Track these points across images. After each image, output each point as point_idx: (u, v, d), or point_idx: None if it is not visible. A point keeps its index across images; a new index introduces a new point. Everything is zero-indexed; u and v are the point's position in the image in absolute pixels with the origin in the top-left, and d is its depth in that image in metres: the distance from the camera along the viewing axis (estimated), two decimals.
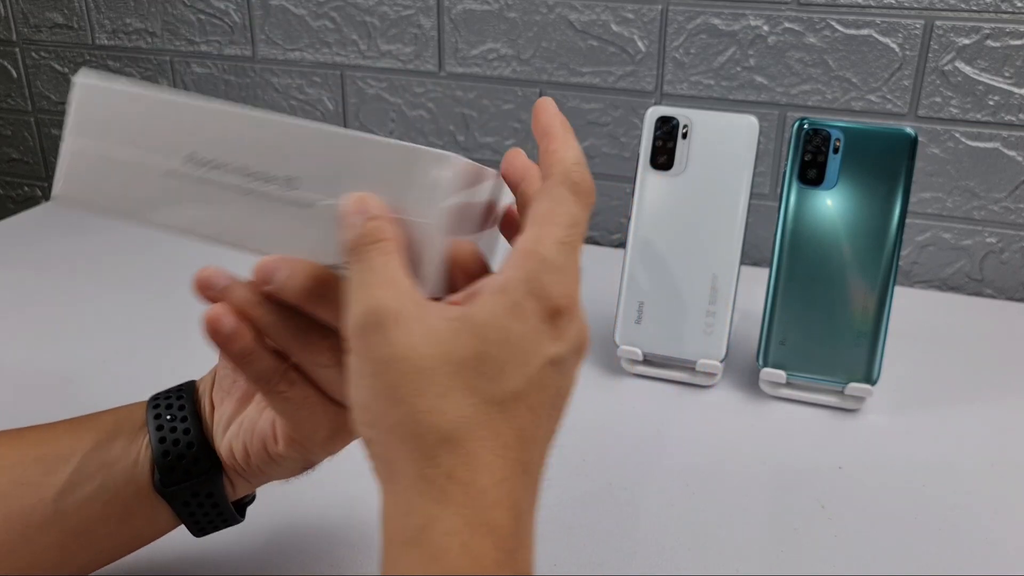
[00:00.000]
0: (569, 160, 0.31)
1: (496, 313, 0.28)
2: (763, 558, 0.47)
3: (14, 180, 1.16)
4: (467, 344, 0.28)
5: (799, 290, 0.60)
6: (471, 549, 0.26)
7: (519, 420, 0.28)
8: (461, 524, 0.27)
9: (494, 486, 0.27)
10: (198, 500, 0.38)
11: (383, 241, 0.30)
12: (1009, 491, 0.53)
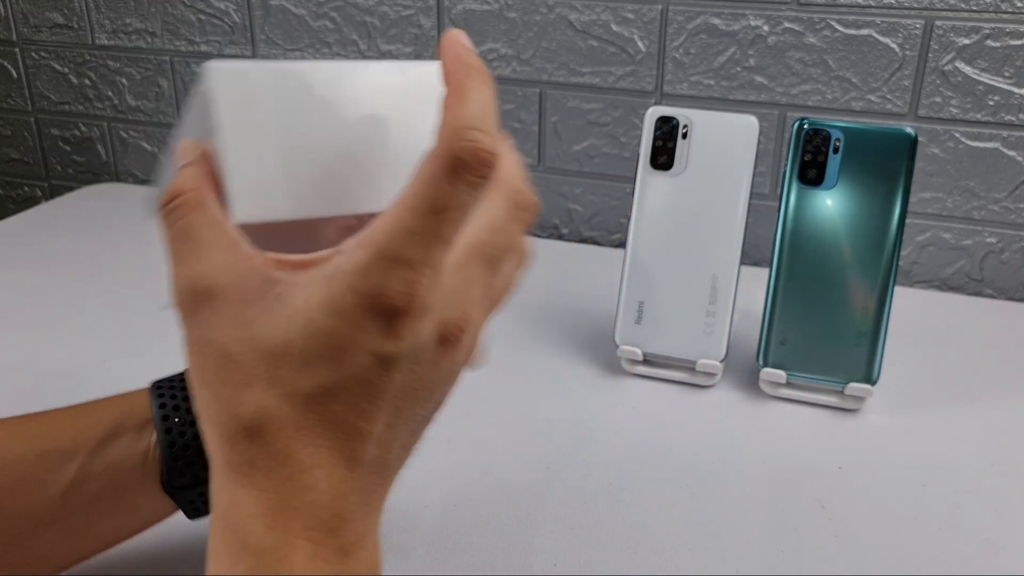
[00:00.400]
0: (460, 122, 0.26)
1: (311, 303, 0.26)
2: (763, 558, 0.47)
3: (14, 180, 1.16)
4: (275, 332, 0.26)
5: (799, 290, 0.60)
6: (275, 530, 0.25)
7: (333, 414, 0.26)
8: (264, 508, 0.26)
9: (302, 473, 0.26)
10: (205, 497, 0.38)
11: (197, 197, 0.28)
12: (1009, 491, 0.53)
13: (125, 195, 1.03)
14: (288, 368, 0.26)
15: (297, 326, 0.26)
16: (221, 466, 0.27)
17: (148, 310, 0.74)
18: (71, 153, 1.11)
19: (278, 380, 0.26)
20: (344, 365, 0.26)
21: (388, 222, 0.26)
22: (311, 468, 0.26)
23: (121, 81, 1.04)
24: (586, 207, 0.92)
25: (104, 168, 1.10)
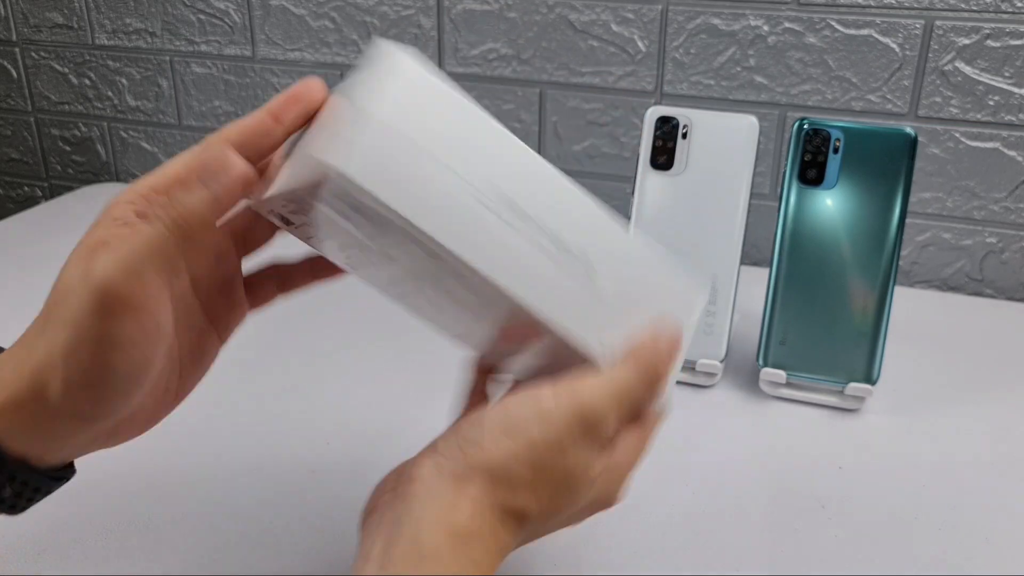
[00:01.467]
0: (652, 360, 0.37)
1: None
2: (763, 558, 0.47)
3: (14, 180, 1.16)
4: None
5: (799, 290, 0.60)
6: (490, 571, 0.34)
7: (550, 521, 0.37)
8: (495, 551, 0.34)
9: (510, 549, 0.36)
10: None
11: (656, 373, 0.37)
12: (1009, 491, 0.53)
13: None
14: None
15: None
16: (486, 504, 0.33)
17: None
18: (71, 153, 1.11)
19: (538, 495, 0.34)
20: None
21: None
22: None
23: (121, 81, 1.04)
24: None
25: (104, 168, 1.10)
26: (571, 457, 0.34)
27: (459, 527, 0.32)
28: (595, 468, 0.35)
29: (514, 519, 0.34)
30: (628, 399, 0.36)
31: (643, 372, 0.36)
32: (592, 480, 0.35)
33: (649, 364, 0.36)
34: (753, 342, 0.62)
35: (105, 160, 1.10)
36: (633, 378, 0.36)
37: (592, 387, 0.35)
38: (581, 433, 0.34)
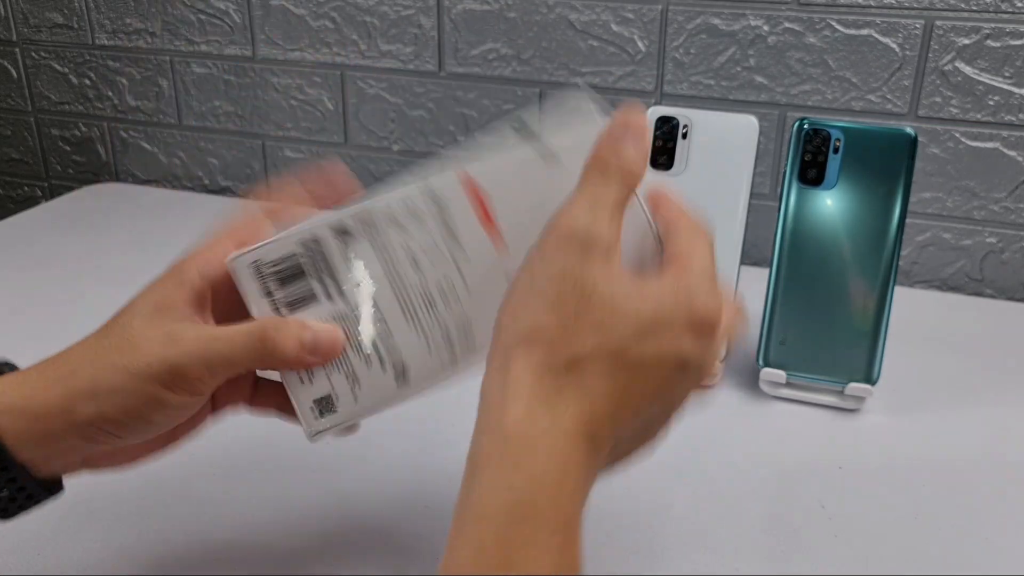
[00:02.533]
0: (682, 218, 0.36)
1: (664, 293, 0.32)
2: (763, 558, 0.47)
3: (14, 180, 1.16)
4: (630, 300, 0.31)
5: (799, 290, 0.60)
6: (563, 455, 0.30)
7: (633, 385, 0.31)
8: (559, 432, 0.30)
9: (590, 418, 0.31)
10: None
11: (625, 176, 0.34)
12: (1009, 491, 0.53)
13: (125, 195, 1.03)
14: (636, 336, 0.31)
15: (656, 311, 0.31)
16: (538, 380, 0.30)
17: None
18: (71, 153, 1.11)
19: (615, 337, 0.31)
20: (662, 350, 0.31)
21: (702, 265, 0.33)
22: (607, 406, 0.31)
23: (121, 81, 1.04)
24: None
25: (104, 168, 1.10)
26: (567, 266, 0.31)
27: (507, 423, 0.30)
28: (602, 268, 0.31)
29: (564, 369, 0.31)
30: (601, 193, 0.33)
31: (603, 168, 0.33)
32: (620, 280, 0.31)
33: (605, 154, 0.34)
34: (753, 342, 0.62)
35: (105, 160, 1.10)
36: (595, 176, 0.33)
37: (565, 207, 0.33)
38: (566, 242, 0.32)
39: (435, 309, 0.36)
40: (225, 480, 0.52)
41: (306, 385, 0.36)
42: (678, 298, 0.31)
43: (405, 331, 0.36)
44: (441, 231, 0.36)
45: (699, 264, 0.33)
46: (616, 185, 0.33)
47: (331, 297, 0.36)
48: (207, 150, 1.05)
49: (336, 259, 0.36)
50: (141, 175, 1.09)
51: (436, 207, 0.36)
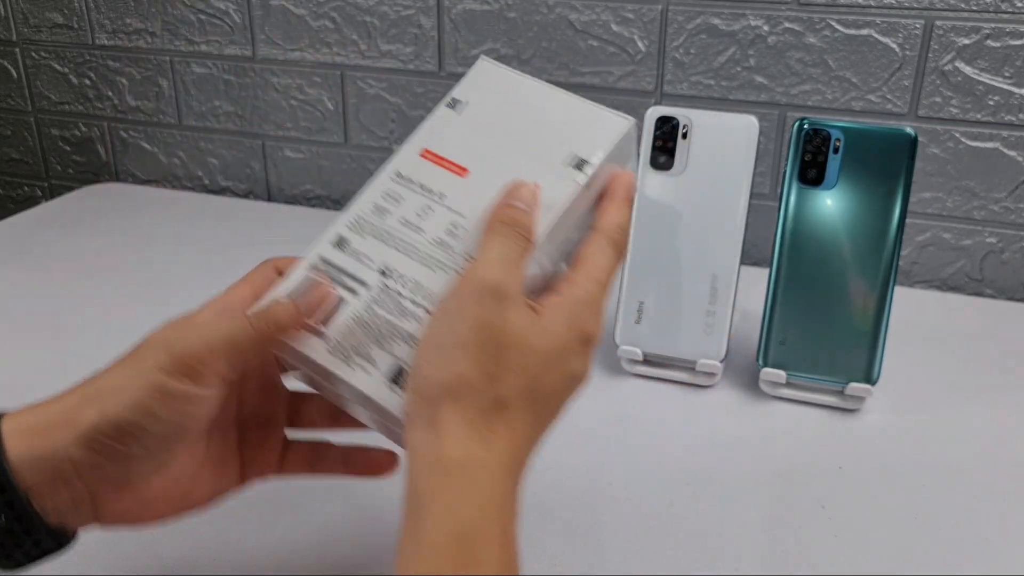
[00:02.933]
0: (613, 222, 0.39)
1: (559, 324, 0.35)
2: (763, 558, 0.47)
3: (14, 180, 1.16)
4: (540, 340, 0.35)
5: (799, 290, 0.60)
6: (502, 485, 0.33)
7: (545, 410, 0.35)
8: (496, 465, 0.33)
9: (519, 448, 0.34)
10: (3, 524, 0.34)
11: (521, 230, 0.37)
12: (1009, 491, 0.53)
13: (125, 195, 1.03)
14: (543, 370, 0.35)
15: (556, 340, 0.35)
16: (464, 430, 0.33)
17: (147, 310, 0.74)
18: (71, 153, 1.11)
19: (533, 376, 0.34)
20: (561, 374, 0.36)
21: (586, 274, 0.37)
22: (525, 442, 0.35)
23: (121, 81, 1.04)
24: None
25: (104, 168, 1.10)
26: (484, 317, 0.34)
27: (446, 461, 0.32)
28: (515, 316, 0.34)
29: (492, 411, 0.34)
30: (506, 250, 0.36)
31: (503, 229, 0.37)
32: (529, 324, 0.35)
33: (503, 217, 0.37)
34: (753, 342, 0.62)
35: (105, 160, 1.10)
36: (498, 236, 0.37)
37: (475, 264, 0.36)
38: (481, 296, 0.34)
39: (450, 248, 0.39)
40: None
41: (374, 374, 0.37)
42: (571, 327, 0.35)
43: (434, 278, 0.38)
44: (420, 193, 0.40)
45: (587, 287, 0.37)
46: (521, 242, 0.37)
47: (356, 292, 0.39)
48: (207, 150, 1.05)
49: (346, 262, 0.39)
50: (141, 175, 1.09)
51: (406, 180, 0.41)
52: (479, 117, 0.43)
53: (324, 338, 0.38)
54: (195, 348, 0.35)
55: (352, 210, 0.41)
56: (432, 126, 0.43)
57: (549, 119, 0.41)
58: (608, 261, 0.38)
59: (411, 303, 0.38)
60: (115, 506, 0.36)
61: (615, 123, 0.41)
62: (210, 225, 0.93)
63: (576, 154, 0.40)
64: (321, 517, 0.49)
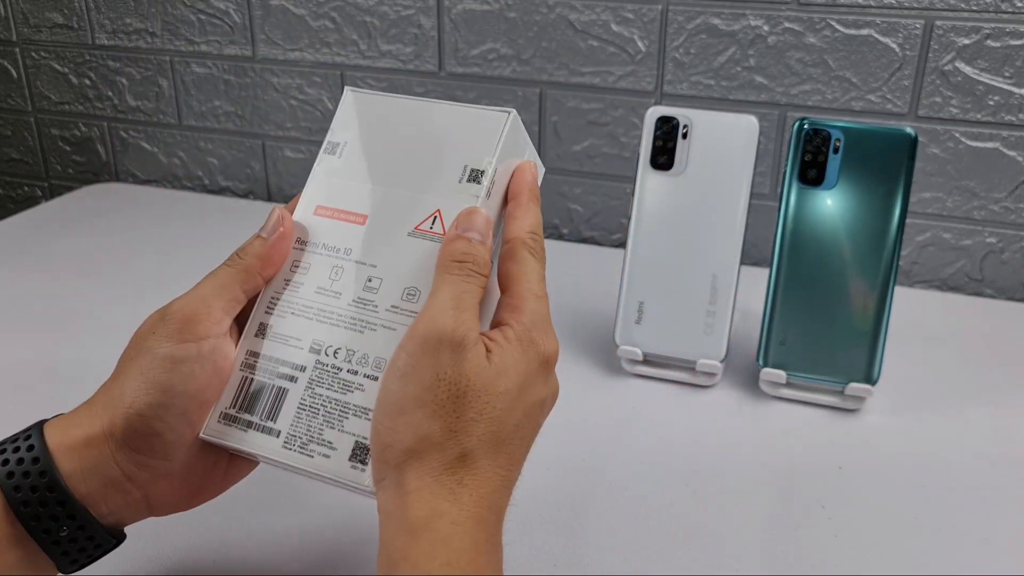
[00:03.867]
0: (527, 228, 0.38)
1: (517, 359, 0.35)
2: (763, 558, 0.47)
3: (14, 180, 1.16)
4: (499, 381, 0.34)
5: (799, 290, 0.60)
6: (472, 537, 0.32)
7: (513, 447, 0.35)
8: (465, 517, 0.32)
9: (489, 495, 0.33)
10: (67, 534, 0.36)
11: (478, 267, 0.36)
12: (1009, 491, 0.53)
13: (125, 195, 1.03)
14: (503, 410, 0.34)
15: (511, 377, 0.35)
16: (428, 486, 0.33)
17: (147, 309, 0.74)
18: (71, 153, 1.11)
19: (495, 419, 0.34)
20: (528, 407, 0.36)
21: (522, 293, 0.37)
22: (493, 491, 0.34)
23: (121, 81, 1.04)
24: (586, 207, 0.92)
25: (104, 168, 1.10)
26: (441, 373, 0.33)
27: (412, 522, 0.32)
28: (472, 364, 0.33)
29: (457, 464, 0.33)
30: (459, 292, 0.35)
31: (454, 268, 0.36)
32: (487, 368, 0.34)
33: (454, 255, 0.36)
34: (753, 342, 0.62)
35: (105, 160, 1.10)
36: (449, 277, 0.35)
37: (426, 315, 0.34)
38: (436, 351, 0.33)
39: (371, 304, 0.38)
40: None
41: (333, 457, 0.36)
42: (528, 356, 0.35)
43: (365, 341, 0.38)
44: (325, 255, 0.39)
45: (530, 307, 0.36)
46: (475, 280, 0.36)
47: (294, 378, 0.38)
48: (207, 150, 1.05)
49: (274, 349, 0.38)
50: (141, 175, 1.09)
51: (309, 244, 0.40)
52: (360, 155, 0.41)
53: (275, 434, 0.37)
54: (187, 306, 0.37)
55: (267, 292, 0.40)
56: (318, 180, 0.41)
57: (430, 136, 0.40)
58: (535, 271, 0.37)
59: (350, 374, 0.37)
60: (167, 498, 0.38)
61: (495, 120, 0.39)
62: (210, 225, 0.93)
63: (468, 166, 0.39)
64: (321, 517, 0.49)
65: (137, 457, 0.36)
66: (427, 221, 0.38)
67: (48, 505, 0.35)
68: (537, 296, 0.37)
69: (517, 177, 0.40)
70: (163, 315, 0.37)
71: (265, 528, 0.49)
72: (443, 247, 0.37)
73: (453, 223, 0.37)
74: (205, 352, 0.37)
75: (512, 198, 0.39)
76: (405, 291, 0.38)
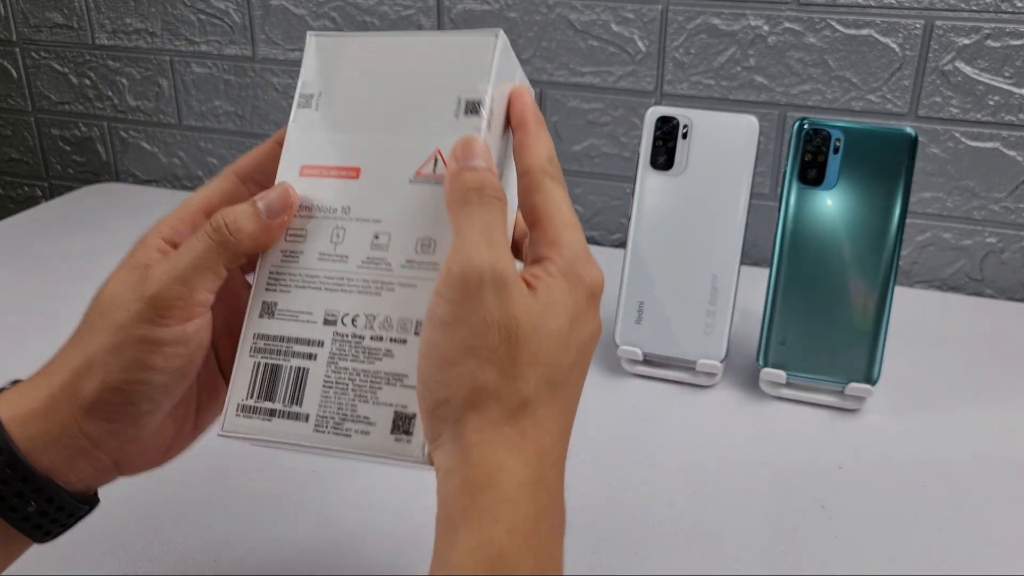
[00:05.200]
0: (543, 155, 0.35)
1: (564, 294, 0.32)
2: (763, 558, 0.47)
3: (14, 180, 1.16)
4: (549, 319, 0.32)
5: (799, 290, 0.60)
6: (535, 502, 0.30)
7: (569, 389, 0.33)
8: (529, 477, 0.30)
9: (552, 447, 0.32)
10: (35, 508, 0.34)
11: (494, 192, 0.33)
12: (1009, 491, 0.53)
13: (125, 195, 1.03)
14: (559, 351, 0.32)
15: (560, 315, 0.32)
16: (489, 439, 0.30)
17: None
18: (71, 153, 1.11)
19: (552, 362, 0.32)
20: (581, 343, 0.33)
21: (556, 226, 0.34)
22: (556, 443, 0.32)
23: (121, 81, 1.04)
24: (586, 207, 0.92)
25: (104, 168, 1.10)
26: (488, 315, 0.30)
27: (474, 478, 0.30)
28: (520, 303, 0.31)
29: (518, 413, 0.31)
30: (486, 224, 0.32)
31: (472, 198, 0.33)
32: (535, 306, 0.31)
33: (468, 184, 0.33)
34: (753, 342, 0.62)
35: (105, 160, 1.10)
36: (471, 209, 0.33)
37: (457, 254, 0.32)
38: (478, 292, 0.31)
39: (384, 262, 0.35)
40: (226, 479, 0.52)
41: (373, 432, 0.34)
42: (575, 290, 0.33)
43: (383, 303, 0.35)
44: (321, 217, 0.36)
45: (568, 238, 0.34)
46: (497, 207, 0.33)
47: (313, 356, 0.35)
48: (207, 150, 1.05)
49: (285, 328, 0.36)
50: (141, 175, 1.09)
51: (301, 208, 0.37)
52: (340, 103, 0.37)
53: (303, 418, 0.35)
54: (168, 290, 0.34)
55: (264, 267, 0.36)
56: (297, 137, 0.38)
57: (413, 72, 0.36)
58: (563, 199, 0.35)
59: (374, 340, 0.34)
60: (137, 460, 0.37)
61: (483, 44, 0.36)
62: None
63: (461, 98, 0.35)
64: (321, 517, 0.49)
65: (108, 426, 0.34)
66: (428, 164, 0.35)
67: (11, 483, 0.33)
68: (572, 225, 0.34)
69: (516, 103, 0.36)
70: (139, 295, 0.34)
71: (265, 528, 0.49)
72: (449, 183, 0.33)
73: (451, 156, 0.34)
74: (190, 332, 0.34)
75: (518, 126, 0.36)
76: (419, 242, 0.35)
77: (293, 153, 0.37)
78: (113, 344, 0.34)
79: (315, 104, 0.37)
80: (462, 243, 0.32)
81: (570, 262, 0.33)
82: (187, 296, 0.34)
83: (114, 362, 0.34)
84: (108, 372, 0.34)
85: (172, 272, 0.34)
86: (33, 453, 0.34)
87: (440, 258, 0.34)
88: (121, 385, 0.34)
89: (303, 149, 0.37)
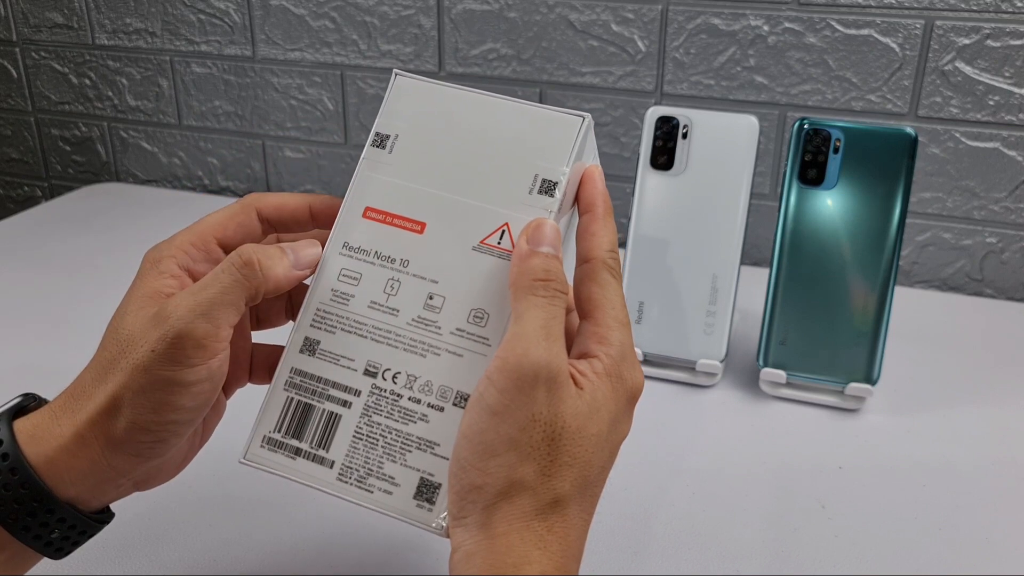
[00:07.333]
0: (606, 246, 0.35)
1: (607, 398, 0.33)
2: (763, 558, 0.47)
3: (14, 180, 1.16)
4: (592, 423, 0.32)
5: (799, 290, 0.60)
6: None
7: (597, 488, 0.33)
8: (552, 568, 0.31)
9: (575, 541, 0.32)
10: (58, 534, 0.35)
11: (560, 286, 0.33)
12: (1009, 491, 0.53)
13: (125, 195, 1.03)
14: (597, 453, 0.33)
15: (604, 417, 0.33)
16: (518, 531, 0.31)
17: None
18: (71, 153, 1.11)
19: (589, 463, 0.32)
20: (613, 447, 0.34)
21: (608, 322, 0.34)
22: (579, 537, 0.33)
23: (121, 81, 1.04)
24: None
25: (104, 168, 1.10)
26: (537, 414, 0.31)
27: (499, 567, 0.30)
28: (568, 405, 0.32)
29: (548, 510, 0.31)
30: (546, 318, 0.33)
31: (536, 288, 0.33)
32: (581, 408, 0.32)
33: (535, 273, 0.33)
34: (753, 342, 0.62)
35: (105, 160, 1.10)
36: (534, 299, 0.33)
37: (514, 344, 0.32)
38: (532, 388, 0.31)
39: (434, 325, 0.35)
40: (226, 479, 0.52)
41: (396, 493, 0.34)
42: (617, 393, 0.33)
43: (428, 366, 0.35)
44: (378, 264, 0.36)
45: (617, 337, 0.34)
46: (559, 302, 0.33)
47: (347, 403, 0.35)
48: (207, 150, 1.05)
49: (324, 369, 0.35)
50: (141, 175, 1.09)
51: (358, 251, 0.36)
52: (415, 152, 0.37)
53: (328, 464, 0.35)
54: (195, 329, 0.33)
55: (311, 302, 0.36)
56: (365, 176, 0.37)
57: (495, 137, 0.36)
58: (618, 295, 0.35)
59: (411, 402, 0.34)
60: (154, 480, 0.38)
61: (568, 124, 0.35)
62: None
63: (539, 176, 0.35)
64: (321, 517, 0.49)
65: (135, 459, 0.35)
66: (494, 235, 0.35)
67: (36, 515, 0.34)
68: (623, 324, 0.34)
69: (588, 186, 0.36)
70: (163, 334, 0.33)
71: (265, 528, 0.49)
72: (517, 264, 0.33)
73: (521, 235, 0.34)
74: (215, 368, 0.34)
75: (586, 210, 0.36)
76: (472, 312, 0.34)
77: (360, 191, 0.37)
78: (140, 386, 0.33)
79: (390, 147, 0.37)
80: (522, 332, 0.32)
81: (616, 362, 0.33)
82: (213, 334, 0.34)
83: (142, 404, 0.33)
84: (136, 414, 0.34)
85: (196, 308, 0.33)
86: (60, 488, 0.34)
87: (490, 332, 0.34)
88: (151, 426, 0.34)
89: (371, 190, 0.36)
